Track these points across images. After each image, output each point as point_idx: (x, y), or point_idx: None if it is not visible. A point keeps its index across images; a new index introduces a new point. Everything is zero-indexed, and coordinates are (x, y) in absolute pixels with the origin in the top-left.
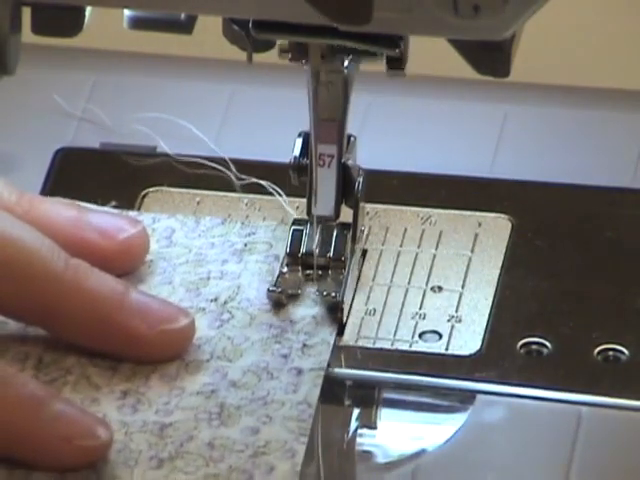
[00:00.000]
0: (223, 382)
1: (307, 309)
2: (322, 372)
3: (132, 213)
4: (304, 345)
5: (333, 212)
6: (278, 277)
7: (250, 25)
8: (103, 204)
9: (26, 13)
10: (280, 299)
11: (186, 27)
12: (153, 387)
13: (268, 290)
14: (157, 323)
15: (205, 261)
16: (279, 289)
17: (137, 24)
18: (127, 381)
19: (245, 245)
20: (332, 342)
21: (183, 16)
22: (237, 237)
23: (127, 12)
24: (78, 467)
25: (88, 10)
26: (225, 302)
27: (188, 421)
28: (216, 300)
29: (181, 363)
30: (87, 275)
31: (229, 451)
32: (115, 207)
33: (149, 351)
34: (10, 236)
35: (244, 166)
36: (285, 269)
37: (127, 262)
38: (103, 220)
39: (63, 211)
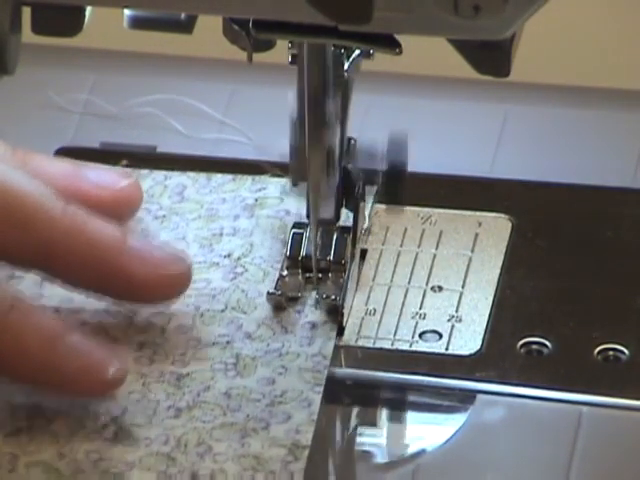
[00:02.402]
0: (238, 333)
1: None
2: (336, 326)
3: (144, 172)
4: (317, 301)
5: (333, 215)
6: (278, 280)
7: (250, 25)
8: (114, 164)
9: (26, 13)
10: (280, 302)
11: (186, 27)
12: (169, 338)
13: (268, 293)
14: (155, 267)
15: (217, 216)
16: (279, 292)
17: (137, 24)
18: (143, 332)
19: (256, 200)
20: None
21: (183, 16)
22: (248, 192)
23: (127, 12)
24: (94, 397)
25: (88, 10)
26: (239, 258)
27: (204, 371)
28: (229, 256)
29: (196, 313)
30: (86, 219)
31: (246, 400)
32: (126, 166)
33: (147, 293)
34: (8, 182)
35: (243, 167)
36: (285, 272)
37: (122, 212)
38: (97, 173)
39: (58, 164)
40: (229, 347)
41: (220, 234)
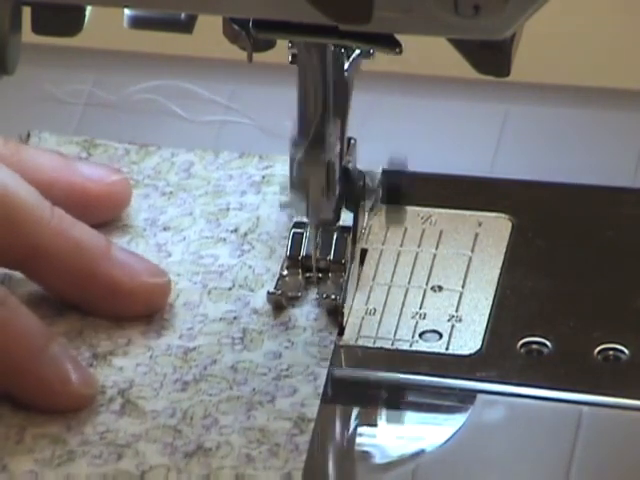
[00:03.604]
0: (245, 309)
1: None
2: (344, 302)
3: (151, 148)
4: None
5: (333, 215)
6: (278, 280)
7: (250, 24)
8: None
9: (26, 13)
10: (280, 302)
11: (186, 27)
12: (177, 314)
13: (268, 293)
14: (138, 275)
15: (224, 192)
16: (279, 292)
17: (137, 24)
18: None
19: (263, 177)
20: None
21: (183, 16)
22: (255, 170)
23: (127, 12)
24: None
25: (88, 10)
26: (245, 234)
27: (211, 345)
28: (236, 231)
29: (203, 290)
30: (72, 224)
31: (252, 374)
32: (131, 143)
33: (129, 302)
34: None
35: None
36: (285, 272)
37: (111, 206)
38: (87, 167)
39: (49, 157)
40: (236, 322)
41: (227, 209)
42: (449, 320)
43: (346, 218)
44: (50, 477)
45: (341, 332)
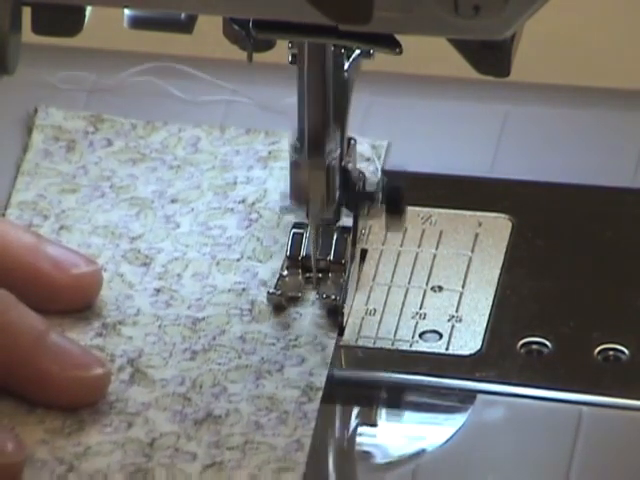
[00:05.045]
0: (254, 281)
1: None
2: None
3: (157, 124)
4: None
5: (333, 215)
6: (278, 280)
7: (250, 25)
8: None
9: (26, 13)
10: (280, 302)
11: (186, 27)
12: (185, 285)
13: (268, 293)
14: (71, 368)
15: (231, 167)
16: (279, 292)
17: (137, 24)
18: (160, 279)
19: (269, 153)
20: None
21: (183, 16)
22: (261, 145)
23: (127, 12)
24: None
25: (88, 10)
26: (253, 203)
27: (220, 316)
28: (244, 202)
29: (212, 262)
30: (10, 306)
31: (261, 344)
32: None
33: (58, 395)
34: None
35: None
36: (285, 272)
37: (76, 297)
38: (59, 253)
39: (21, 235)
40: (245, 294)
41: (234, 183)
42: (449, 320)
43: (346, 219)
44: (61, 446)
45: (341, 332)
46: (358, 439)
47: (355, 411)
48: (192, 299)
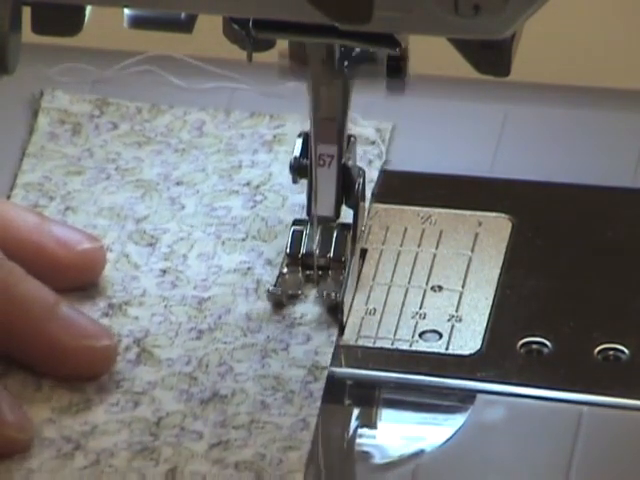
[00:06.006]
0: (259, 260)
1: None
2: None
3: (163, 107)
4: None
5: (333, 213)
6: (278, 278)
7: (250, 25)
8: None
9: (26, 13)
10: (280, 299)
11: (186, 27)
12: (191, 265)
13: (268, 291)
14: (81, 338)
15: (236, 151)
16: (279, 290)
17: (137, 23)
18: (165, 259)
19: (274, 137)
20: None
21: (183, 16)
22: (266, 129)
23: (127, 12)
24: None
25: (88, 10)
26: (258, 186)
27: (225, 296)
28: (249, 184)
29: (217, 241)
30: (20, 279)
31: (266, 322)
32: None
33: (69, 364)
34: None
35: None
36: (285, 270)
37: (81, 274)
38: (63, 231)
39: (24, 215)
40: (250, 273)
41: (239, 166)
42: (449, 320)
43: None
44: (68, 425)
45: (341, 332)
46: (358, 439)
47: (355, 411)
48: (198, 279)
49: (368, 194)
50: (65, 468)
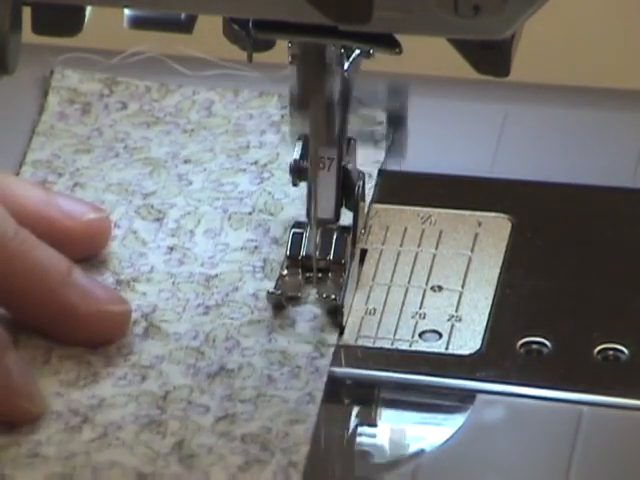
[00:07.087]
0: (265, 239)
1: None
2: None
3: (172, 87)
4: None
5: (333, 215)
6: (278, 280)
7: (250, 25)
8: None
9: (26, 13)
10: (280, 301)
11: (186, 27)
12: (198, 243)
13: (268, 292)
14: (95, 303)
15: (244, 131)
16: (279, 291)
17: (137, 24)
18: (172, 236)
19: (282, 117)
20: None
21: (183, 16)
22: (274, 109)
23: (127, 12)
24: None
25: (88, 10)
26: (265, 165)
27: (233, 273)
28: (256, 163)
29: (224, 216)
30: (34, 246)
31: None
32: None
33: (83, 329)
34: None
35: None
36: (285, 272)
37: (88, 243)
38: (68, 203)
39: (30, 189)
40: (257, 251)
41: (247, 147)
42: (449, 320)
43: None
44: (76, 398)
45: (341, 332)
46: (358, 439)
47: (355, 411)
48: (205, 257)
49: (368, 197)
50: (73, 441)
